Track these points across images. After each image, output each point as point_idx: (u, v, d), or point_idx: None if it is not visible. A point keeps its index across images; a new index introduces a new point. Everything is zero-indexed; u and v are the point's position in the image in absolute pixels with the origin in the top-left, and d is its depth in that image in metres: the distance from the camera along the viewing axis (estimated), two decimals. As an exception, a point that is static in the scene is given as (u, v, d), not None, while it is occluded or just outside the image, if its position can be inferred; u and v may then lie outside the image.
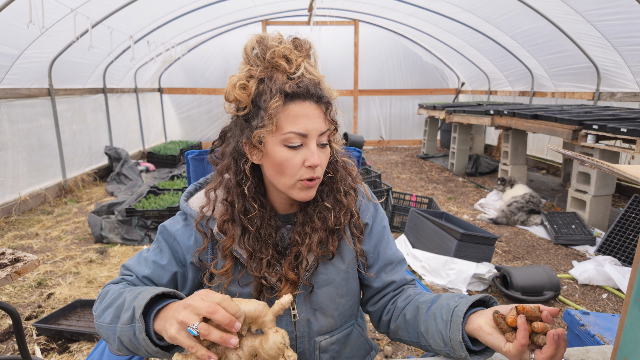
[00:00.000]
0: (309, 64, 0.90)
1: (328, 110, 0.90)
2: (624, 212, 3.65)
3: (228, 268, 0.94)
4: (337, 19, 8.90)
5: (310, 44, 0.92)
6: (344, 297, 1.02)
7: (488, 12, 6.15)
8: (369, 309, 1.11)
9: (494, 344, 0.77)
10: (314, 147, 0.89)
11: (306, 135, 0.88)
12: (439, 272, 3.07)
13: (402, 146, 9.91)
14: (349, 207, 1.01)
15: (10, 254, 1.71)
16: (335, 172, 1.01)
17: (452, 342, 0.84)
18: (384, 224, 1.09)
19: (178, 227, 0.98)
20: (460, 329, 0.83)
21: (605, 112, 4.48)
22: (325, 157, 0.93)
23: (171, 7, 6.06)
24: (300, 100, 0.87)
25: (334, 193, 1.00)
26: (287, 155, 0.88)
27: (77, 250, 3.77)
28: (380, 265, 1.05)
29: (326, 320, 1.01)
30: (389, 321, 1.04)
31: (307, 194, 0.92)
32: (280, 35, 0.91)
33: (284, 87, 0.86)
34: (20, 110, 4.79)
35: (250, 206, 0.95)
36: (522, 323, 0.74)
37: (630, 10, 4.23)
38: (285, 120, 0.87)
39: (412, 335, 0.97)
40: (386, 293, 1.06)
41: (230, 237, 0.93)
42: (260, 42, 0.89)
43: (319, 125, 0.89)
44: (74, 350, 2.33)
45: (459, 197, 5.48)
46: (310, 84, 0.88)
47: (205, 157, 1.34)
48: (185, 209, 0.99)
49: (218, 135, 1.02)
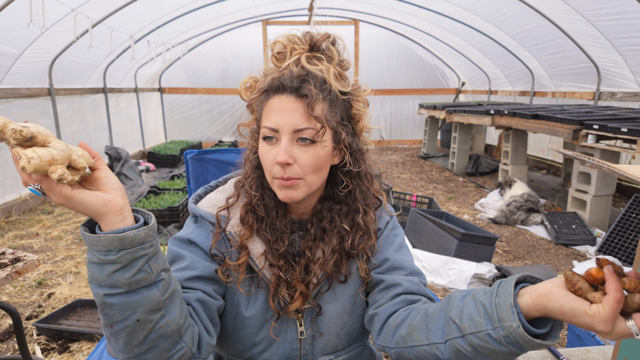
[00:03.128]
0: (313, 58, 0.86)
1: (312, 105, 0.81)
2: (624, 212, 3.64)
3: (243, 261, 0.90)
4: (338, 18, 8.89)
5: (324, 37, 0.87)
6: (352, 315, 0.96)
7: (488, 11, 6.14)
8: (369, 311, 0.99)
9: (574, 307, 0.59)
10: (284, 143, 0.82)
11: (277, 130, 0.83)
12: (440, 272, 3.07)
13: (403, 146, 9.91)
14: (367, 230, 0.95)
15: (10, 254, 1.71)
16: (355, 187, 0.94)
17: (498, 309, 0.66)
18: (395, 232, 1.02)
19: (191, 230, 0.93)
20: (511, 292, 0.66)
21: (605, 112, 4.48)
22: (307, 157, 0.84)
23: (171, 7, 6.06)
24: (277, 94, 0.83)
25: (353, 214, 0.94)
26: (263, 150, 0.86)
27: (77, 250, 3.77)
28: (388, 267, 0.96)
29: (331, 339, 0.96)
30: (397, 325, 0.87)
31: (285, 193, 0.86)
32: (292, 32, 0.88)
33: (265, 81, 0.86)
34: (21, 110, 4.79)
35: (265, 195, 0.93)
36: (612, 273, 0.59)
37: (630, 10, 4.23)
38: (264, 115, 0.86)
39: (432, 331, 0.78)
40: (397, 294, 0.91)
41: (249, 228, 0.91)
42: (273, 42, 0.89)
43: (294, 121, 0.82)
44: (74, 350, 2.33)
45: (459, 197, 5.48)
46: (290, 75, 0.82)
47: (205, 157, 1.34)
48: (195, 210, 0.95)
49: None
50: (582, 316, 0.59)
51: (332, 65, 0.86)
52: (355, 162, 0.92)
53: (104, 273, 0.66)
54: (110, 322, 0.70)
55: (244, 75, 6.81)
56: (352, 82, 0.91)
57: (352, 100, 0.91)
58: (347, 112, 0.90)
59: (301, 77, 0.83)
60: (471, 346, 0.71)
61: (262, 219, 0.92)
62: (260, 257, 0.91)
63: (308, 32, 0.88)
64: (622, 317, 0.58)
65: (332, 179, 0.95)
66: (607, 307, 0.57)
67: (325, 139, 0.84)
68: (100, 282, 0.67)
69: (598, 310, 0.57)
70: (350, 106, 0.91)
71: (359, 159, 0.94)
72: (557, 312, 0.62)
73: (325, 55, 0.87)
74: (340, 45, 0.91)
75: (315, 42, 0.87)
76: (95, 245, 0.65)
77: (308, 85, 0.82)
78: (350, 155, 0.90)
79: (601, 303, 0.58)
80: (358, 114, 0.92)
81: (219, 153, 1.35)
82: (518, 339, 0.64)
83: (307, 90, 0.81)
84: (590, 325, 0.59)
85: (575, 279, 0.61)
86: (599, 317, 0.57)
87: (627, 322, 0.57)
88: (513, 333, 0.64)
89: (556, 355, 1.09)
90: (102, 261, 0.66)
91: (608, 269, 0.59)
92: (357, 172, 0.94)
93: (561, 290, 0.62)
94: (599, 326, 0.58)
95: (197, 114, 9.44)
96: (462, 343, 0.72)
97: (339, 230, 0.93)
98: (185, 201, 4.37)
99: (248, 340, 0.94)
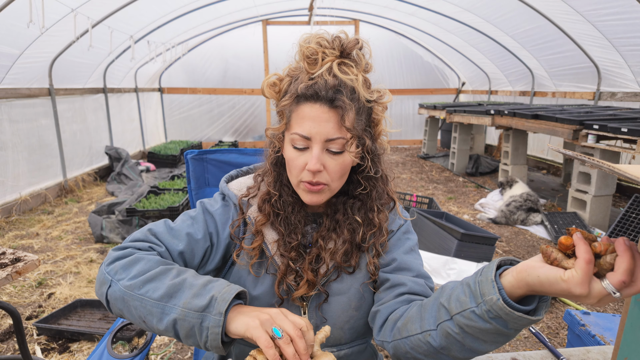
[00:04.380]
0: (343, 65, 0.86)
1: (345, 116, 0.84)
2: (624, 212, 3.64)
3: (257, 245, 0.94)
4: (338, 18, 8.89)
5: (353, 43, 0.87)
6: (358, 310, 0.98)
7: (489, 11, 6.14)
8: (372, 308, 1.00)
9: (549, 276, 0.62)
10: (316, 152, 0.85)
11: (309, 139, 0.86)
12: (440, 272, 3.07)
13: (403, 146, 9.91)
14: (380, 227, 0.98)
15: (10, 254, 1.71)
16: (372, 189, 0.97)
17: (480, 285, 0.69)
18: (408, 236, 1.03)
19: (217, 207, 0.99)
20: (492, 270, 0.70)
21: (605, 112, 4.47)
22: (336, 165, 0.87)
23: (171, 7, 6.06)
24: (310, 102, 0.85)
25: (366, 210, 0.97)
26: (292, 155, 0.89)
27: (77, 250, 3.77)
28: (395, 267, 0.97)
29: (335, 331, 0.97)
30: (395, 320, 0.90)
31: (310, 197, 0.91)
32: (321, 34, 0.88)
33: (298, 87, 0.86)
34: (21, 110, 4.79)
35: (283, 191, 0.97)
36: (580, 238, 0.62)
37: (630, 10, 4.23)
38: (294, 121, 0.87)
39: (425, 319, 0.80)
40: (401, 293, 0.93)
41: (265, 215, 0.96)
42: (300, 41, 0.89)
43: (327, 130, 0.84)
44: (74, 350, 2.33)
45: (459, 197, 5.48)
46: (325, 85, 0.83)
47: (205, 157, 1.34)
48: (225, 190, 1.01)
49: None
50: (559, 283, 0.61)
51: (359, 71, 0.88)
52: (374, 165, 0.95)
53: (190, 343, 0.79)
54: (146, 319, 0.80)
55: (244, 75, 6.85)
56: (374, 87, 0.93)
57: (374, 106, 0.93)
58: (369, 117, 0.93)
59: (335, 87, 0.84)
60: (459, 327, 0.73)
61: (278, 213, 0.97)
62: (274, 244, 0.96)
63: (338, 37, 0.88)
64: (598, 279, 0.60)
65: (349, 177, 0.98)
66: (579, 270, 0.59)
67: (352, 147, 0.87)
68: (181, 336, 0.78)
69: (572, 274, 0.60)
70: (372, 111, 0.93)
71: (377, 161, 0.97)
72: (536, 284, 0.64)
73: (355, 62, 0.89)
74: (366, 49, 0.91)
75: (345, 47, 0.87)
76: (212, 347, 0.76)
77: (341, 97, 0.84)
78: (370, 160, 0.94)
79: (573, 268, 0.60)
80: (377, 118, 0.95)
81: (219, 153, 1.35)
82: (499, 312, 0.66)
83: (340, 102, 0.83)
84: (567, 290, 0.61)
85: (549, 250, 0.64)
86: (573, 280, 0.60)
87: (602, 282, 0.59)
88: (494, 306, 0.66)
89: (556, 355, 1.09)
90: (200, 346, 0.78)
91: (576, 235, 0.62)
92: (374, 176, 0.97)
93: (538, 264, 0.65)
94: (575, 289, 0.60)
95: (197, 114, 9.44)
96: (450, 325, 0.75)
97: (351, 222, 0.96)
98: (186, 201, 4.37)
99: None
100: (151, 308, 0.77)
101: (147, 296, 0.78)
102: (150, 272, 0.81)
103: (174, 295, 0.77)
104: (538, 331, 1.39)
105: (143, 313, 0.78)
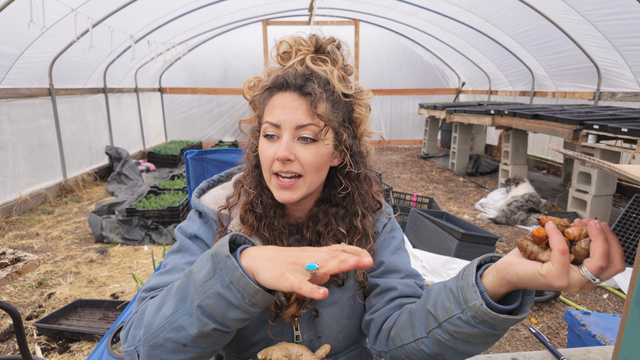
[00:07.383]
0: (317, 60, 0.86)
1: (316, 103, 0.82)
2: (624, 212, 3.64)
3: None
4: (338, 18, 8.89)
5: (329, 40, 0.88)
6: (350, 318, 0.96)
7: (489, 12, 6.14)
8: (366, 317, 0.97)
9: (527, 272, 0.61)
10: (285, 139, 0.83)
11: (279, 126, 0.83)
12: (440, 272, 3.07)
13: (403, 146, 9.91)
14: (365, 233, 0.94)
15: (10, 254, 1.71)
16: (354, 190, 0.93)
17: (462, 291, 0.68)
18: (393, 234, 1.01)
19: (197, 226, 0.93)
20: (472, 272, 0.68)
21: (606, 112, 4.47)
22: (309, 155, 0.84)
23: (171, 7, 6.07)
24: (280, 92, 0.84)
25: (351, 217, 0.93)
26: (263, 146, 0.87)
27: (77, 250, 3.77)
28: (383, 270, 0.95)
29: (329, 342, 0.95)
30: (389, 329, 0.88)
31: (282, 194, 0.86)
32: (299, 35, 0.90)
33: (269, 79, 0.86)
34: (21, 110, 4.79)
35: (263, 193, 0.92)
36: (552, 228, 0.60)
37: (630, 10, 4.23)
38: (266, 111, 0.87)
39: (416, 327, 0.79)
40: (392, 298, 0.91)
41: (249, 227, 0.91)
42: (276, 40, 0.90)
43: (296, 117, 0.82)
44: (74, 350, 2.33)
45: (459, 197, 5.48)
46: (295, 74, 0.83)
47: (205, 157, 1.34)
48: (199, 206, 0.94)
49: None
50: (537, 278, 0.60)
51: (336, 68, 0.87)
52: (356, 165, 0.92)
53: (231, 316, 0.66)
54: (189, 344, 0.70)
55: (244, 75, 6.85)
56: (354, 86, 0.92)
57: (354, 104, 0.91)
58: (349, 114, 0.91)
59: (305, 75, 0.84)
60: (448, 334, 0.72)
61: (261, 217, 0.92)
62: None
63: (314, 35, 0.89)
64: (576, 266, 0.58)
65: (330, 181, 0.95)
66: (555, 262, 0.58)
67: (327, 137, 0.85)
68: (219, 319, 0.67)
69: (549, 267, 0.59)
70: (352, 109, 0.91)
71: (359, 161, 0.93)
72: (517, 281, 0.63)
73: (330, 57, 0.89)
74: (344, 50, 0.92)
75: (321, 44, 0.89)
76: (251, 296, 0.64)
77: (312, 84, 0.83)
78: (350, 157, 0.90)
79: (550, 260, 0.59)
80: (360, 117, 0.92)
81: (219, 153, 1.35)
82: (484, 316, 0.65)
83: (310, 89, 0.82)
84: (548, 285, 0.59)
85: (524, 244, 0.62)
86: (551, 274, 0.58)
87: (581, 270, 0.58)
88: (478, 312, 0.65)
89: (556, 356, 1.09)
90: (243, 309, 0.65)
91: (548, 225, 0.60)
92: (357, 175, 0.93)
93: (517, 259, 0.63)
94: (554, 283, 0.59)
95: (197, 114, 9.45)
96: (440, 332, 0.73)
97: (335, 233, 0.92)
98: (186, 201, 4.37)
99: (245, 341, 0.94)
100: (175, 325, 0.69)
101: (164, 321, 0.70)
102: (154, 306, 0.74)
103: (184, 295, 0.70)
104: (538, 331, 1.39)
105: (174, 337, 0.69)
